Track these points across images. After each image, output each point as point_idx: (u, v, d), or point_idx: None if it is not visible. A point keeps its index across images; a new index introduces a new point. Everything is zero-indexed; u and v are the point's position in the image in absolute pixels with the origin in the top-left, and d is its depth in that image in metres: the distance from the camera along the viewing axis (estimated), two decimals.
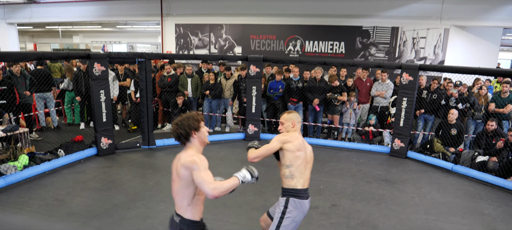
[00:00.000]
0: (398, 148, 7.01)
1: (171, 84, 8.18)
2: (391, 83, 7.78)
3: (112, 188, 5.04)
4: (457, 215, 4.64)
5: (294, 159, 2.86)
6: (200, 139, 2.40)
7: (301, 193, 2.87)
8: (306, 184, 2.92)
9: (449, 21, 10.37)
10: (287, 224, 2.83)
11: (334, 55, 11.71)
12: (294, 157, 2.85)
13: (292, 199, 2.85)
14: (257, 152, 2.91)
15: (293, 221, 2.85)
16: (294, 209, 2.85)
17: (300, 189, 2.87)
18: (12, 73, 7.08)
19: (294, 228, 2.86)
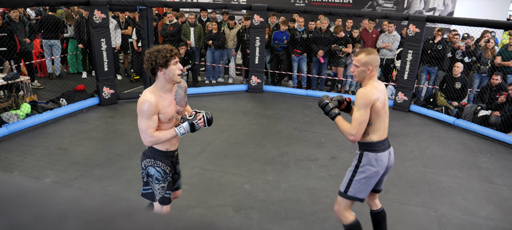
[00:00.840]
0: (401, 102, 6.97)
1: (173, 34, 8.03)
2: (398, 35, 7.58)
3: (114, 138, 5.11)
4: (455, 168, 4.69)
5: (376, 117, 2.50)
6: (166, 77, 2.32)
7: (377, 146, 2.56)
8: (384, 135, 2.59)
9: None
10: (366, 176, 2.59)
11: (341, 5, 11.34)
12: (376, 115, 2.49)
13: (366, 153, 2.58)
14: (353, 129, 2.49)
15: (375, 174, 2.59)
16: (368, 163, 2.57)
17: (376, 142, 2.55)
18: (11, 19, 6.94)
19: (374, 182, 2.63)
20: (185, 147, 4.86)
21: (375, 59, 2.49)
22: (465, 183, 4.32)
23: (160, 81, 2.35)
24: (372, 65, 2.46)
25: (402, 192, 4.03)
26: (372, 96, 2.44)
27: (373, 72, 2.49)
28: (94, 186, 3.80)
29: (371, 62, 2.46)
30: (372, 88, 2.47)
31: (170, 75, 2.31)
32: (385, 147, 2.60)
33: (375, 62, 2.49)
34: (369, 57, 2.46)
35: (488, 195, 4.08)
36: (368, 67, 2.46)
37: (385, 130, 2.59)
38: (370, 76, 2.50)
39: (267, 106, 6.93)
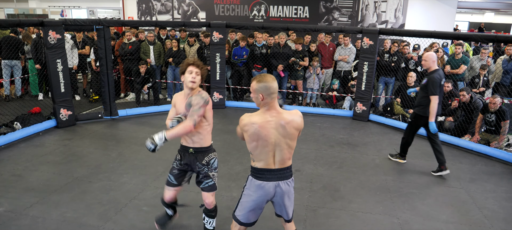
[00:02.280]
0: (360, 112, 7.21)
1: (132, 52, 7.90)
2: (353, 47, 7.88)
3: (73, 161, 4.90)
4: (414, 174, 4.88)
5: (252, 146, 2.48)
6: (184, 82, 2.87)
7: (260, 173, 2.53)
8: (272, 165, 2.51)
9: None
10: (245, 201, 2.64)
11: (298, 20, 11.66)
12: (252, 145, 2.47)
13: (250, 177, 2.62)
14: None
15: (252, 200, 2.60)
16: (248, 187, 2.61)
17: (259, 169, 2.53)
18: None
19: (252, 207, 2.62)
20: (147, 167, 4.76)
21: (265, 87, 2.37)
22: (424, 188, 4.51)
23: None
24: (262, 93, 2.37)
25: (365, 201, 4.14)
26: (241, 122, 2.47)
27: (264, 99, 2.39)
28: (51, 213, 3.61)
29: (260, 90, 2.38)
30: (251, 117, 2.45)
31: (185, 82, 2.86)
32: (272, 178, 2.52)
33: (266, 90, 2.37)
34: (259, 85, 2.38)
35: (447, 199, 4.26)
36: (259, 95, 2.39)
37: (277, 161, 2.50)
38: (262, 104, 2.43)
39: (230, 121, 6.93)
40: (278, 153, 2.49)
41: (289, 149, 2.52)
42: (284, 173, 2.56)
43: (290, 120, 2.46)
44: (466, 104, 6.15)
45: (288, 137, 2.48)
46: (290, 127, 2.46)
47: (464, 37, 7.02)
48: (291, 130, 2.47)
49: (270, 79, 2.40)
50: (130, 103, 7.96)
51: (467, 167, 5.21)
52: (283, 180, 2.56)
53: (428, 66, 4.70)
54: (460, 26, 22.47)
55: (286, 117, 2.46)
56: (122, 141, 5.76)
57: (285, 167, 2.56)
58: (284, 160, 2.53)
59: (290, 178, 2.62)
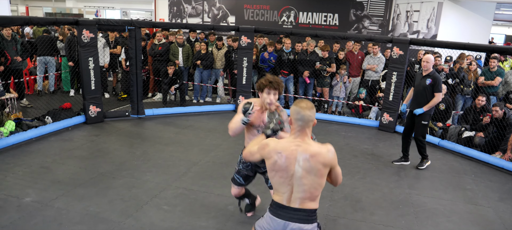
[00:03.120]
0: (386, 122, 7.05)
1: (161, 53, 8.07)
2: (382, 57, 7.74)
3: (99, 157, 5.04)
4: (439, 190, 4.72)
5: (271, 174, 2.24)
6: (261, 98, 2.90)
7: (273, 207, 2.25)
8: (285, 202, 2.19)
9: None
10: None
11: (327, 27, 11.58)
12: (271, 173, 2.24)
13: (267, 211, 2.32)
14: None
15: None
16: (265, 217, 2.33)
17: (274, 201, 2.26)
18: (3, 37, 6.90)
19: None
20: (170, 167, 4.83)
21: (296, 112, 2.15)
22: (450, 204, 4.35)
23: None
24: (292, 117, 2.18)
25: (387, 213, 4.03)
26: (267, 147, 2.23)
27: (293, 125, 2.19)
28: (75, 206, 3.73)
29: (292, 114, 2.18)
30: (277, 144, 2.21)
31: (262, 99, 2.91)
32: (282, 216, 2.18)
33: (295, 115, 2.14)
34: (292, 108, 2.20)
35: (473, 217, 4.10)
36: (289, 119, 2.22)
37: (291, 199, 2.17)
38: (291, 129, 2.23)
39: None
40: (297, 189, 2.15)
41: (311, 188, 2.14)
42: (301, 214, 2.16)
43: (317, 152, 2.11)
44: (499, 120, 5.90)
45: (313, 172, 2.12)
46: (315, 161, 2.10)
47: (499, 50, 6.76)
48: (316, 165, 2.10)
49: (304, 106, 2.14)
50: (157, 103, 8.12)
51: (497, 186, 4.98)
52: (297, 223, 2.16)
53: (428, 68, 5.07)
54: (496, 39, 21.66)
55: (312, 149, 2.12)
56: (147, 139, 5.88)
57: (304, 209, 2.17)
58: (304, 200, 2.16)
59: (308, 224, 2.17)
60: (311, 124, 2.16)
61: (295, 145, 2.15)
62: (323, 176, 2.14)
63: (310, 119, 2.14)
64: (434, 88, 4.99)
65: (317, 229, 2.23)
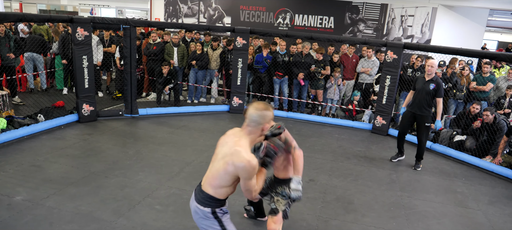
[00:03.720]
0: (379, 125, 7.10)
1: (156, 53, 8.05)
2: (377, 60, 7.79)
3: (91, 156, 5.02)
4: (431, 192, 4.76)
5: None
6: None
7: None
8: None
9: (437, 0, 10.33)
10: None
11: (323, 30, 11.63)
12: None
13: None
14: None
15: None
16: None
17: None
18: None
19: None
20: (163, 167, 4.82)
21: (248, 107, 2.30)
22: (440, 207, 4.39)
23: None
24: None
25: (379, 215, 4.06)
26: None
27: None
28: (66, 205, 3.71)
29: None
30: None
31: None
32: (195, 192, 2.41)
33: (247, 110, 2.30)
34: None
35: (463, 220, 4.14)
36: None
37: (203, 178, 2.37)
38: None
39: None
40: (208, 171, 2.34)
41: (215, 174, 2.26)
42: (200, 195, 2.31)
43: (236, 152, 2.15)
44: (489, 125, 5.97)
45: (223, 162, 2.21)
46: (230, 156, 2.16)
47: (491, 56, 6.83)
48: (227, 158, 2.18)
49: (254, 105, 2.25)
50: (150, 103, 8.10)
51: (487, 189, 5.04)
52: (195, 202, 2.33)
53: (432, 73, 5.26)
54: (489, 45, 21.88)
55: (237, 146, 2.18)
56: (140, 139, 5.87)
57: (204, 190, 2.30)
58: (206, 183, 2.30)
59: (202, 206, 2.29)
60: (253, 124, 2.21)
61: (234, 133, 2.33)
62: (228, 172, 2.19)
63: (250, 119, 2.21)
64: (437, 93, 5.20)
65: (211, 215, 2.29)
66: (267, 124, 2.25)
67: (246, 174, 2.14)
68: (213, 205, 2.28)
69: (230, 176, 2.19)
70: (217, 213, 2.30)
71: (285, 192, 2.95)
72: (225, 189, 2.26)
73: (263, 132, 2.26)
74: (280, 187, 3.01)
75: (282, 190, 2.97)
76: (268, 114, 2.23)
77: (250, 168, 2.11)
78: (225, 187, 2.25)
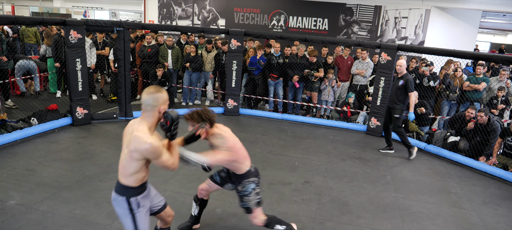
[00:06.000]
0: (374, 127, 7.13)
1: (151, 55, 8.03)
2: (371, 62, 7.83)
3: (85, 159, 4.99)
4: (425, 193, 4.79)
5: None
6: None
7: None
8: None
9: (430, 1, 10.42)
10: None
11: (317, 32, 11.66)
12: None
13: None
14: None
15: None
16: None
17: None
18: None
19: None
20: (157, 170, 4.77)
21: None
22: (434, 208, 4.41)
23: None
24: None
25: (373, 216, 4.08)
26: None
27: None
28: (60, 209, 3.68)
29: None
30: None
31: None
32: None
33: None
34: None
35: (457, 220, 4.17)
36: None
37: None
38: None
39: (242, 129, 6.95)
40: (120, 160, 2.43)
41: (124, 163, 2.39)
42: (117, 185, 2.46)
43: (136, 137, 2.27)
44: (483, 126, 6.01)
45: (127, 151, 2.34)
46: (132, 143, 2.28)
47: (484, 58, 6.88)
48: (130, 145, 2.30)
49: (146, 90, 2.37)
50: None
51: (480, 190, 5.08)
52: (114, 191, 2.48)
53: (401, 71, 5.82)
54: (481, 47, 22.08)
55: (136, 132, 2.29)
56: None
57: (118, 180, 2.45)
58: (119, 174, 2.44)
59: (118, 194, 2.45)
60: (149, 108, 2.33)
61: (135, 121, 2.43)
62: (134, 159, 2.31)
63: (145, 103, 2.33)
64: (407, 88, 5.73)
65: (126, 204, 2.42)
66: (163, 106, 2.36)
67: (153, 155, 2.28)
68: (128, 194, 2.41)
69: (137, 161, 2.32)
70: (132, 204, 2.43)
71: (246, 189, 3.14)
72: (136, 175, 2.38)
73: (160, 113, 2.36)
74: (240, 185, 3.17)
75: (243, 188, 3.15)
76: (160, 95, 2.35)
77: (153, 148, 2.24)
78: (135, 173, 2.37)
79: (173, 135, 2.47)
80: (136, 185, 2.42)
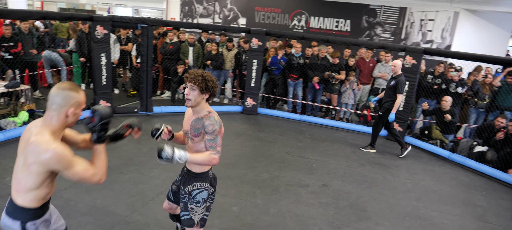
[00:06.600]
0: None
1: (172, 52, 8.09)
2: None
3: (107, 151, 5.00)
4: (448, 204, 4.63)
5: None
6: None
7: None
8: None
9: (459, 4, 10.09)
10: None
11: (338, 33, 11.51)
12: None
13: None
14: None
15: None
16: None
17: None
18: (20, 30, 7.00)
19: None
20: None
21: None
22: (458, 220, 4.26)
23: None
24: None
25: (393, 225, 3.98)
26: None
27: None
28: (83, 198, 3.75)
29: None
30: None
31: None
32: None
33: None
34: None
35: None
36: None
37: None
38: None
39: (260, 129, 6.91)
40: (13, 175, 1.86)
41: (19, 178, 1.82)
42: (8, 205, 1.88)
43: (33, 142, 1.73)
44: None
45: (23, 161, 1.79)
46: (29, 151, 1.74)
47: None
48: (28, 155, 1.75)
49: (56, 86, 1.86)
50: (165, 101, 8.14)
51: (509, 204, 4.87)
52: (5, 213, 1.88)
53: (396, 71, 5.88)
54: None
55: (33, 137, 1.75)
56: None
57: (11, 199, 1.87)
58: (13, 190, 1.86)
59: (10, 218, 1.85)
60: (54, 107, 1.79)
61: (34, 125, 1.87)
62: (32, 172, 1.75)
63: (51, 100, 1.80)
64: (396, 89, 5.80)
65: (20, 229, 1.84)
66: (73, 108, 1.81)
67: (59, 165, 1.73)
68: (23, 218, 1.83)
69: (37, 175, 1.76)
70: (28, 229, 1.85)
71: (199, 196, 2.50)
72: (35, 192, 1.81)
73: (67, 118, 1.82)
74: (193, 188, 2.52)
75: (196, 194, 2.51)
76: (73, 95, 1.81)
77: (58, 156, 1.71)
78: (34, 190, 1.80)
79: (100, 137, 1.95)
80: (36, 205, 1.85)
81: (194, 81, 2.32)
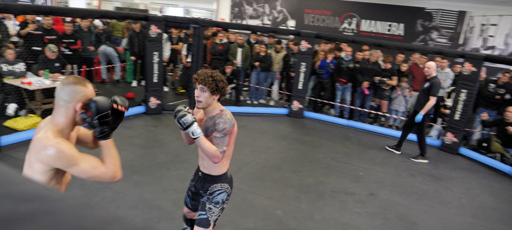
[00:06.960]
0: (450, 143, 6.60)
1: (221, 53, 8.22)
2: (451, 72, 7.26)
3: (156, 147, 5.23)
4: (509, 223, 4.31)
5: None
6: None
7: None
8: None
9: None
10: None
11: (391, 37, 11.11)
12: None
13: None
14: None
15: None
16: None
17: None
18: (80, 28, 7.48)
19: None
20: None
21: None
22: None
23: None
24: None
25: None
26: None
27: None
28: (132, 191, 3.89)
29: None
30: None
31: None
32: None
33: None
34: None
35: None
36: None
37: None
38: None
39: (306, 132, 6.83)
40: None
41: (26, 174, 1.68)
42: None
43: (36, 140, 1.66)
44: None
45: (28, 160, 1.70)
46: (32, 149, 1.68)
47: None
48: (31, 153, 1.68)
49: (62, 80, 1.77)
50: None
51: None
52: None
53: (430, 73, 5.70)
54: None
55: (38, 135, 1.68)
56: None
57: None
58: None
59: None
60: (61, 103, 1.67)
61: (42, 122, 1.80)
62: (36, 171, 1.65)
63: (58, 97, 1.68)
64: (430, 91, 5.61)
65: None
66: (81, 103, 1.69)
67: (62, 162, 1.62)
68: None
69: (41, 174, 1.66)
70: None
71: (219, 197, 2.51)
72: None
73: (76, 113, 1.70)
74: (214, 189, 2.52)
75: (217, 195, 2.51)
76: (79, 89, 1.68)
77: (58, 152, 1.59)
78: None
79: (103, 132, 1.78)
80: None
81: (205, 82, 2.27)
